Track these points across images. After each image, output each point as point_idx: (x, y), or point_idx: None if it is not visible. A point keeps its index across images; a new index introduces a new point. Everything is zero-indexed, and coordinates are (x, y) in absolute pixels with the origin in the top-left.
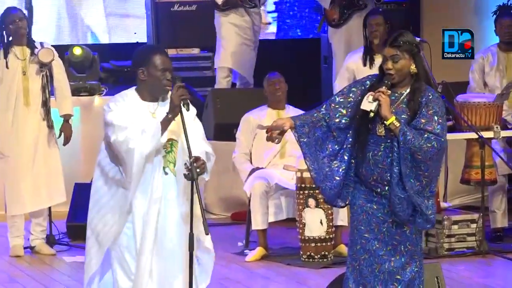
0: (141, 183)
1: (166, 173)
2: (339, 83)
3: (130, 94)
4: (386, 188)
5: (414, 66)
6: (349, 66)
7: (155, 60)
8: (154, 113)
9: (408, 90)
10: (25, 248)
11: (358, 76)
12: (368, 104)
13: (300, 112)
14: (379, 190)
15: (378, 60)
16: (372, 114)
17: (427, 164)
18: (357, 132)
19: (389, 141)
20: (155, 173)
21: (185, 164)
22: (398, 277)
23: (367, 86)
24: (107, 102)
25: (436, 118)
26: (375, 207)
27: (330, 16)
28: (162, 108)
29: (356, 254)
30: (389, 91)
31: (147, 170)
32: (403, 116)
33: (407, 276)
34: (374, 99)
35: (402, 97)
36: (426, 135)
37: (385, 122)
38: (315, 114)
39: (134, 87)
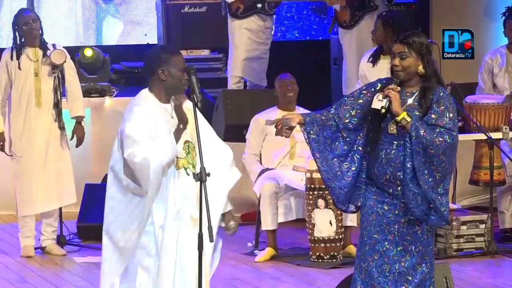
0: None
1: (188, 174)
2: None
3: (147, 97)
4: (399, 188)
5: (422, 67)
6: (360, 66)
7: (176, 60)
8: (172, 114)
9: (418, 89)
10: (36, 248)
11: (368, 75)
12: (378, 103)
13: None
14: (391, 190)
15: (383, 60)
16: (383, 111)
17: (440, 159)
18: (369, 132)
19: (401, 138)
20: (171, 179)
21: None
22: (409, 277)
23: (377, 88)
24: (130, 105)
25: (447, 113)
26: (386, 207)
27: (341, 18)
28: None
29: (365, 255)
30: (399, 88)
31: (163, 178)
32: (415, 113)
33: (418, 277)
34: (384, 96)
35: (413, 96)
36: (438, 130)
37: (396, 118)
38: (325, 114)
39: (147, 89)
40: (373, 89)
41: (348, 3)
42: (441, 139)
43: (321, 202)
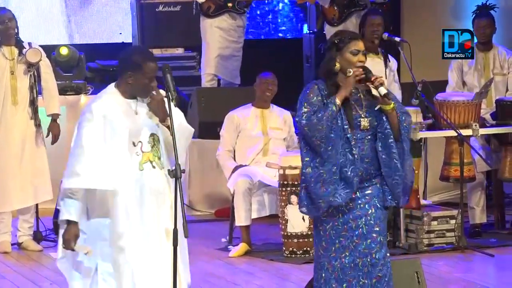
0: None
1: (153, 167)
2: None
3: (112, 91)
4: (372, 181)
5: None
6: None
7: (145, 68)
8: (136, 110)
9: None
10: (12, 244)
11: None
12: (382, 90)
13: (284, 111)
14: (362, 185)
15: (368, 59)
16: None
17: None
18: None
19: (370, 132)
20: (133, 174)
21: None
22: (380, 268)
23: (323, 93)
24: (89, 102)
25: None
26: (350, 204)
27: (329, 15)
28: (142, 105)
29: (336, 253)
30: None
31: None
32: (376, 105)
33: (388, 265)
34: (378, 85)
35: (360, 92)
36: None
37: (384, 107)
38: None
39: (114, 84)
40: (320, 97)
41: (338, 0)
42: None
43: (294, 198)
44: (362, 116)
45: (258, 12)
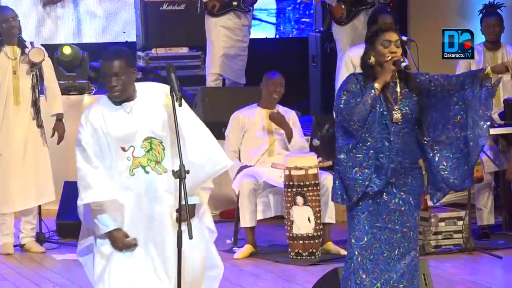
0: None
1: (147, 172)
2: (347, 72)
3: (102, 100)
4: (401, 176)
5: None
6: (353, 60)
7: (103, 69)
8: (130, 112)
9: (396, 77)
10: (15, 246)
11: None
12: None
13: (289, 110)
14: (393, 180)
15: None
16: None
17: None
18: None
19: (405, 126)
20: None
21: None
22: (406, 262)
23: (362, 83)
24: (81, 116)
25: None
26: (385, 197)
27: (337, 13)
28: (137, 106)
29: (367, 244)
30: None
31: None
32: (414, 98)
33: (414, 261)
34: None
35: (397, 85)
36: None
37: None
38: None
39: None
40: (359, 86)
41: None
42: None
43: (299, 199)
44: (395, 108)
45: (266, 11)
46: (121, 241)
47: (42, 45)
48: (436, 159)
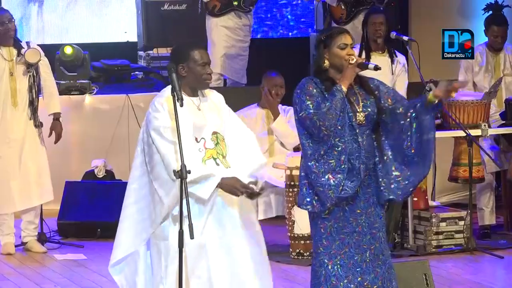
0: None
1: (217, 164)
2: None
3: (167, 93)
4: (371, 177)
5: None
6: None
7: (194, 55)
8: (199, 107)
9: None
10: (16, 246)
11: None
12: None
13: (287, 108)
14: (363, 181)
15: (374, 58)
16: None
17: None
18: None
19: (368, 127)
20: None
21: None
22: (379, 263)
23: (320, 86)
24: (153, 100)
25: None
26: (351, 202)
27: (337, 14)
28: (204, 103)
29: (336, 249)
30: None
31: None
32: (372, 99)
33: (387, 261)
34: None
35: (355, 88)
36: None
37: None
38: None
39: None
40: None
41: None
42: None
43: None
44: (359, 110)
45: (266, 11)
46: (238, 183)
47: (42, 45)
48: (388, 161)
